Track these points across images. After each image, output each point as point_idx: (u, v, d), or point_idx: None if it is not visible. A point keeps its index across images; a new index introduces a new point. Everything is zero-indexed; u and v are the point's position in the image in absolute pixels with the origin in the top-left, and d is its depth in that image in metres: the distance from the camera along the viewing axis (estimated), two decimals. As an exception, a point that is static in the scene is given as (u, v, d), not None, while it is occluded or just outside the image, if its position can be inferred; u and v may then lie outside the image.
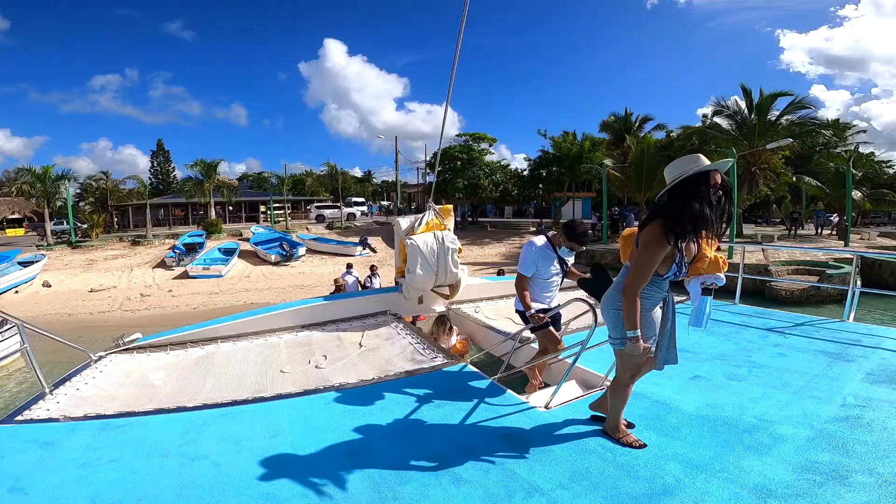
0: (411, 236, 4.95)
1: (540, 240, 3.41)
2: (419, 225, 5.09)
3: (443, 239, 4.96)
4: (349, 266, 11.87)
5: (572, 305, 3.07)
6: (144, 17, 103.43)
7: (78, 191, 34.57)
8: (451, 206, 5.57)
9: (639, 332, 2.11)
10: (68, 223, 24.10)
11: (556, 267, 3.39)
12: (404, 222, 5.22)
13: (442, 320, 5.27)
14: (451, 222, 5.33)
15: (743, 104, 20.01)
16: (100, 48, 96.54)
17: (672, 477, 2.05)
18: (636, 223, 23.05)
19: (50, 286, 15.02)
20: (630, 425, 2.50)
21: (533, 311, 3.20)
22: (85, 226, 25.76)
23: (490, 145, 27.91)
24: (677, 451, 2.26)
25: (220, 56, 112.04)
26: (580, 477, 2.09)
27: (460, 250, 5.11)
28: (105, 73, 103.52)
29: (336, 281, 10.70)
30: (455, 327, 5.22)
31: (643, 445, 2.27)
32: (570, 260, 3.52)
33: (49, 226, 23.64)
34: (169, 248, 19.77)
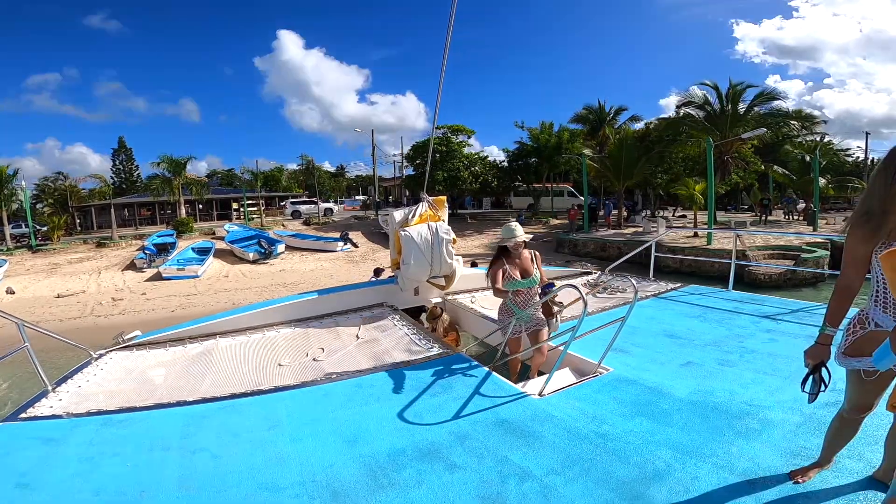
0: (405, 228, 4.91)
1: None
2: (413, 216, 5.04)
3: (437, 230, 4.94)
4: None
5: (563, 292, 3.07)
6: (61, 12, 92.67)
7: (35, 192, 32.86)
8: (444, 198, 5.54)
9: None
10: (27, 226, 22.85)
11: None
12: (398, 214, 5.20)
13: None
14: (444, 213, 5.31)
15: (712, 96, 20.56)
16: (26, 47, 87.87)
17: (662, 462, 2.08)
18: (614, 212, 23.13)
19: (14, 293, 14.23)
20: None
21: None
22: (45, 228, 24.51)
23: (468, 137, 27.93)
24: (668, 436, 2.30)
25: (155, 49, 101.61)
26: (572, 462, 2.12)
27: (454, 241, 5.09)
28: (39, 73, 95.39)
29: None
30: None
31: None
32: None
33: (7, 229, 22.38)
34: (138, 249, 18.98)
